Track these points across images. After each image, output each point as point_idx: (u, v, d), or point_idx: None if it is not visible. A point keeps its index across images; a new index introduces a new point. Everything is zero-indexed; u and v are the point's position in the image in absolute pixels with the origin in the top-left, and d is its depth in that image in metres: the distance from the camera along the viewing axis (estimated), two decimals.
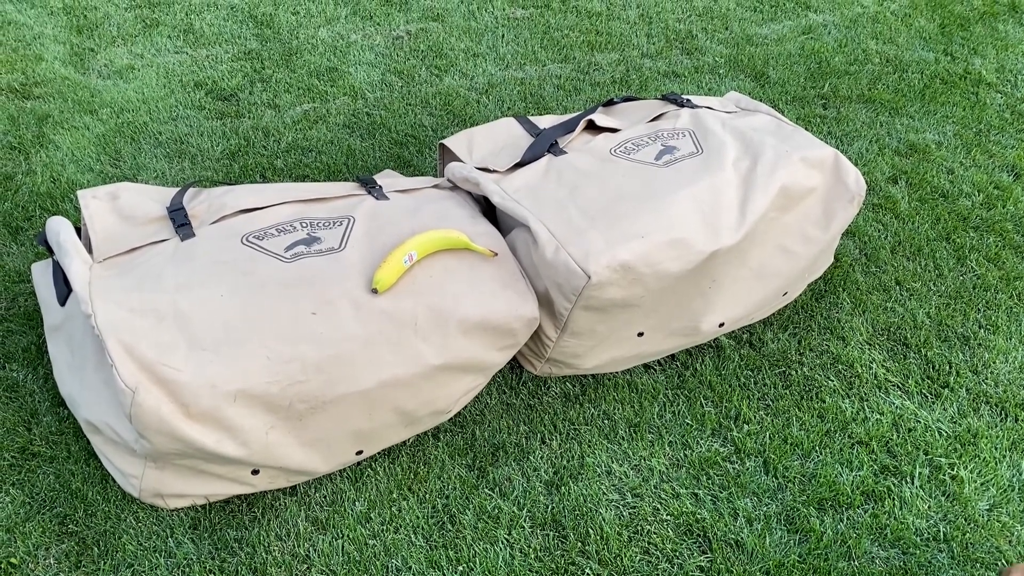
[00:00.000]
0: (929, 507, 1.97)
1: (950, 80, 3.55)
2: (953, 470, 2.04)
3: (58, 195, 2.66)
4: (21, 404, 2.04)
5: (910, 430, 2.14)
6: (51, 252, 1.93)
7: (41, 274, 2.02)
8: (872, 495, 1.99)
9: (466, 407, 2.13)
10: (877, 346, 2.36)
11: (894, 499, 1.98)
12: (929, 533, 1.92)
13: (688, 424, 2.13)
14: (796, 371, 2.29)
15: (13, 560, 1.75)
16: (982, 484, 2.02)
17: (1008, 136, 3.23)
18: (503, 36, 3.63)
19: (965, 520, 1.94)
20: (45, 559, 1.76)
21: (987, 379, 2.29)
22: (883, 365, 2.31)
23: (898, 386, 2.26)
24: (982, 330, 2.43)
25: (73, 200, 2.64)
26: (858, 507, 1.96)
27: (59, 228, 1.88)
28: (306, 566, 1.79)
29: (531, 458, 2.03)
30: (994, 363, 2.33)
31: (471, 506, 1.91)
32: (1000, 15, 4.06)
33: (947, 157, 3.10)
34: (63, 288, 1.88)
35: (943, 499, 1.99)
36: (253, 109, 3.12)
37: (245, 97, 3.18)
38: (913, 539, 1.90)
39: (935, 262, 2.64)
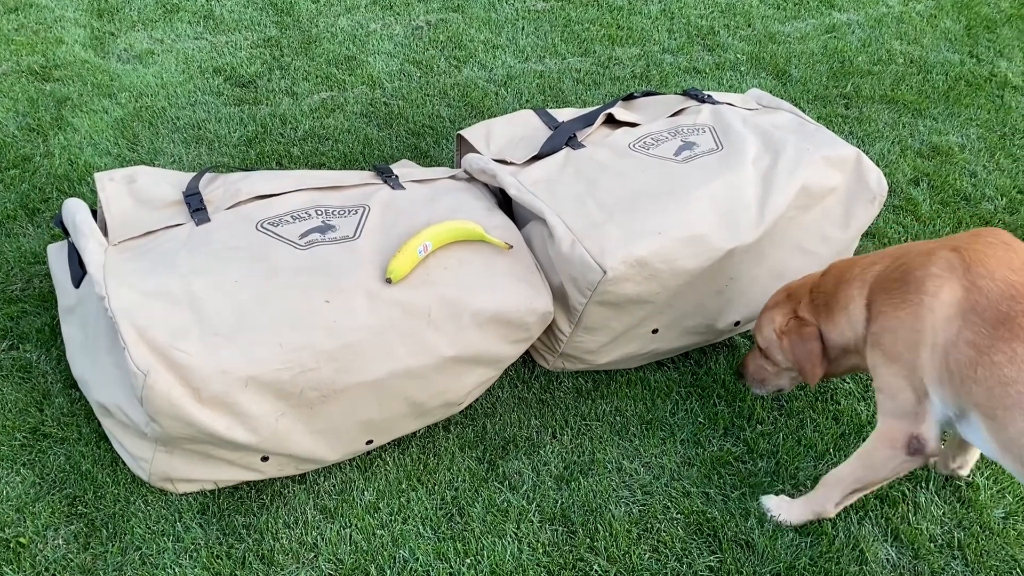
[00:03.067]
0: (944, 513, 1.94)
1: (975, 82, 3.50)
2: (969, 476, 2.01)
3: (75, 177, 2.66)
4: (34, 385, 2.05)
5: None
6: (67, 234, 1.93)
7: (57, 255, 2.03)
8: (886, 499, 1.97)
9: (477, 400, 2.12)
10: None
11: (908, 504, 1.96)
12: (943, 539, 1.89)
13: (700, 423, 2.11)
14: None
15: (22, 540, 1.75)
16: (998, 491, 2.00)
17: None
18: (523, 28, 3.61)
19: (980, 527, 1.92)
20: (54, 539, 1.76)
21: None
22: None
23: None
24: None
25: (90, 183, 2.64)
26: (871, 511, 1.94)
27: (75, 210, 1.88)
28: (313, 554, 1.78)
29: (541, 452, 2.02)
30: None
31: (480, 499, 1.90)
32: None
33: (970, 160, 3.06)
34: (78, 270, 1.89)
35: (958, 505, 1.96)
36: (271, 96, 3.11)
37: (263, 84, 3.17)
38: (927, 545, 1.87)
39: None
